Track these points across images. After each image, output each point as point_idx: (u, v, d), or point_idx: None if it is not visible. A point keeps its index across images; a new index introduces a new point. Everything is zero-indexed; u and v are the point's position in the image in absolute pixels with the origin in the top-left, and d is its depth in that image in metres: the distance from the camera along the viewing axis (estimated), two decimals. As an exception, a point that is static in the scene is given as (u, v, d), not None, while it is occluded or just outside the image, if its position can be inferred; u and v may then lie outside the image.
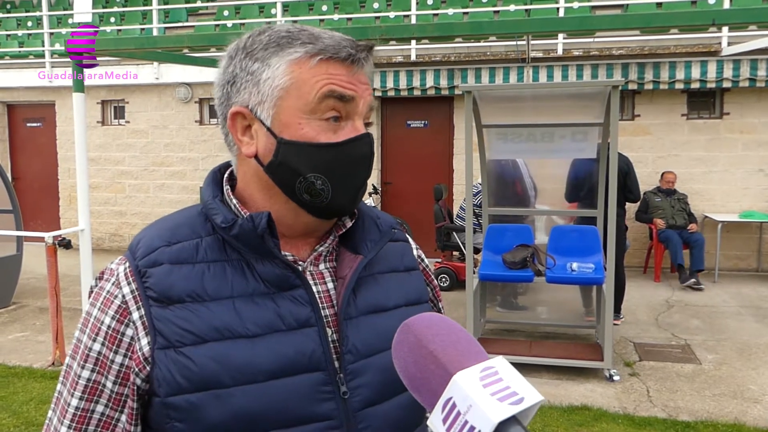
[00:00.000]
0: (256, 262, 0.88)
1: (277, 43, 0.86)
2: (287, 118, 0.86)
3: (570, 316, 5.89)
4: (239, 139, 0.91)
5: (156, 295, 0.85)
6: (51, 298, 4.91)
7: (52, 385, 4.50)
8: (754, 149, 7.95)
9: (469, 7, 8.93)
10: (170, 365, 0.83)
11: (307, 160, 0.86)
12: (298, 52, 0.85)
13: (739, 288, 7.20)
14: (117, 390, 0.86)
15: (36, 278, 7.52)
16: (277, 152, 0.87)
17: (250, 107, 0.88)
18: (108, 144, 10.10)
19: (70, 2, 10.78)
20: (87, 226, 5.11)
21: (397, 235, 1.03)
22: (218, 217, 0.89)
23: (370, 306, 0.93)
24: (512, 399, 0.63)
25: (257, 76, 0.87)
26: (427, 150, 9.00)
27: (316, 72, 0.85)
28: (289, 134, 0.86)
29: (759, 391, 4.32)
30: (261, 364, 0.84)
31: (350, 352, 0.89)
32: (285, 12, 9.46)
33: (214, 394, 0.82)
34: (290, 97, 0.86)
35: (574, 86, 5.92)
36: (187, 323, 0.84)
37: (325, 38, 0.86)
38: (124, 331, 0.85)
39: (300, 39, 0.86)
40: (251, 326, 0.85)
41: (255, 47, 0.87)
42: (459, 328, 0.73)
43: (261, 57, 0.87)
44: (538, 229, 6.11)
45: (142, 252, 0.88)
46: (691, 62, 7.66)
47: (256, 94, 0.87)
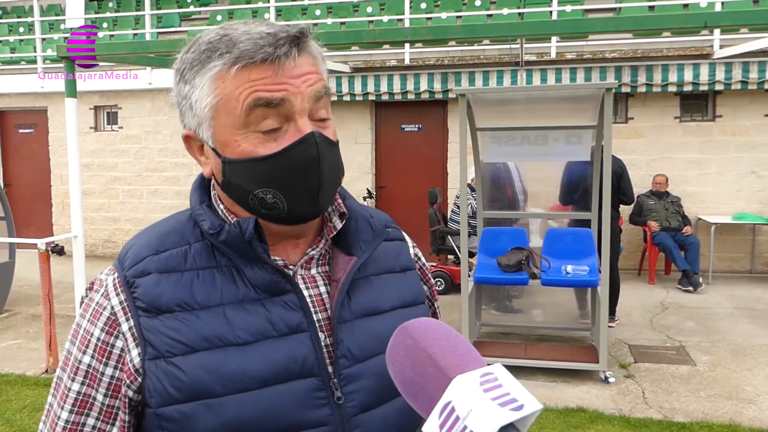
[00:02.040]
0: (245, 268, 0.87)
1: (199, 59, 0.83)
2: (223, 136, 0.84)
3: (565, 318, 5.90)
4: (198, 158, 0.90)
5: (145, 305, 0.84)
6: (44, 305, 4.88)
7: (45, 393, 4.47)
8: (746, 151, 7.99)
9: (463, 11, 8.95)
10: (161, 376, 0.82)
11: (251, 176, 0.83)
12: (217, 66, 0.81)
13: (732, 289, 7.22)
14: (108, 402, 0.85)
15: (29, 285, 7.47)
16: (224, 172, 0.86)
17: (194, 130, 0.87)
18: (101, 150, 10.06)
19: (62, 8, 10.76)
20: (80, 232, 5.08)
21: (392, 234, 1.01)
22: (205, 223, 0.88)
23: (364, 309, 0.92)
24: (513, 405, 0.62)
25: (188, 99, 0.85)
26: (421, 154, 9.01)
27: (238, 83, 0.81)
28: (230, 152, 0.84)
29: (753, 392, 4.33)
30: (252, 372, 0.83)
31: (344, 357, 0.88)
32: (278, 17, 9.46)
33: (206, 404, 0.81)
34: (220, 115, 0.83)
35: (568, 89, 5.94)
36: (176, 333, 0.83)
37: (243, 43, 0.80)
38: (114, 343, 0.84)
39: (218, 49, 0.81)
40: (242, 334, 0.84)
41: (184, 68, 0.85)
42: (456, 334, 0.72)
43: (188, 78, 0.85)
44: (533, 232, 6.12)
45: (130, 262, 0.87)
46: (684, 65, 7.69)
47: (193, 117, 0.86)
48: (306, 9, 9.64)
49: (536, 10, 8.53)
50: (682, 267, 7.20)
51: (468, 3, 9.10)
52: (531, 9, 8.57)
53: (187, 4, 10.59)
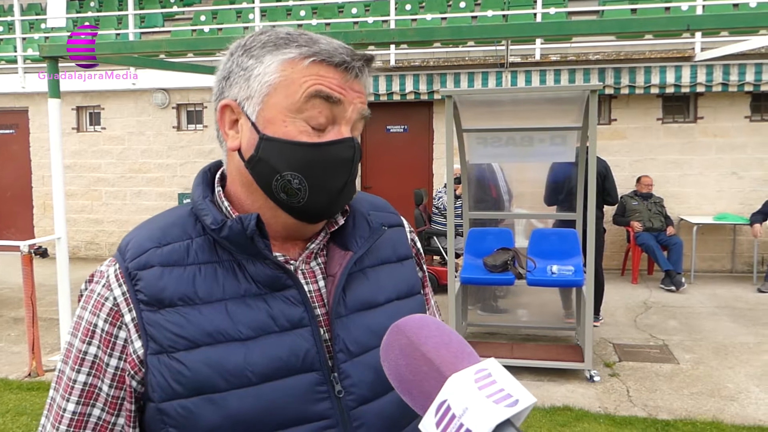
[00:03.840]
0: (247, 263, 0.87)
1: (275, 43, 0.86)
2: (272, 114, 0.86)
3: (550, 318, 5.94)
4: (226, 132, 0.90)
5: (147, 298, 0.84)
6: (27, 308, 4.81)
7: (29, 397, 4.41)
8: (727, 152, 8.10)
9: (448, 13, 8.98)
10: (163, 371, 0.82)
11: (286, 158, 0.85)
12: (293, 53, 0.85)
13: (714, 289, 7.32)
14: (113, 393, 0.85)
15: (10, 288, 7.36)
16: (258, 147, 0.86)
17: (238, 101, 0.88)
18: (83, 151, 9.95)
19: (42, 7, 10.63)
20: (64, 234, 5.02)
21: (390, 218, 1.03)
22: (208, 218, 0.88)
23: (360, 303, 0.93)
24: (507, 401, 0.63)
25: (249, 71, 0.87)
26: (406, 155, 9.03)
27: (307, 73, 0.85)
28: (272, 131, 0.86)
29: (735, 389, 4.39)
30: (255, 367, 0.83)
31: (342, 351, 0.89)
32: (263, 17, 9.42)
33: (208, 399, 0.82)
34: (277, 94, 0.85)
35: (554, 90, 5.98)
36: (179, 328, 0.83)
37: (323, 43, 0.86)
38: (117, 334, 0.85)
39: (297, 41, 0.86)
40: (244, 329, 0.85)
41: (253, 45, 0.88)
42: (449, 330, 0.72)
43: (257, 54, 0.87)
44: (518, 232, 6.16)
45: (132, 253, 0.86)
46: (666, 67, 7.79)
47: (246, 89, 0.87)
48: (291, 10, 9.62)
49: (520, 12, 8.59)
50: (665, 267, 7.28)
51: (453, 5, 9.14)
52: (515, 11, 8.63)
53: (170, 4, 10.50)
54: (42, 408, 3.85)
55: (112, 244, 9.98)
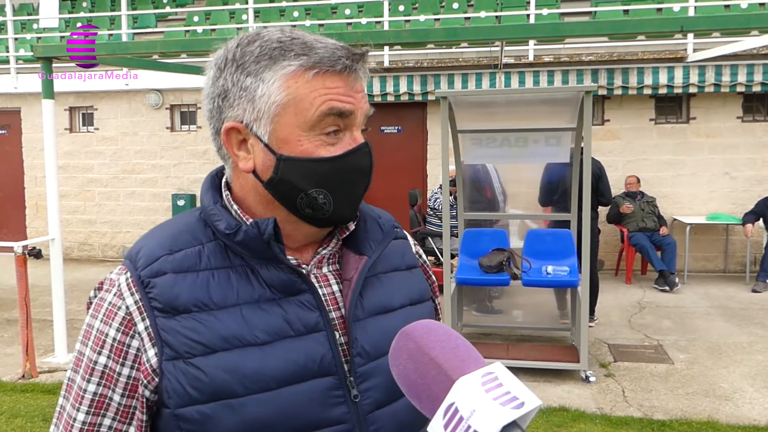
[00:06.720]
0: (260, 268, 0.87)
1: (269, 55, 0.83)
2: (286, 134, 0.84)
3: (545, 318, 5.96)
4: (235, 153, 0.88)
5: (161, 305, 0.83)
6: (21, 309, 4.78)
7: (23, 399, 4.39)
8: (719, 153, 8.16)
9: (441, 14, 9.00)
10: (180, 377, 0.82)
11: (309, 176, 0.85)
12: (293, 66, 0.82)
13: (707, 289, 7.36)
14: (125, 403, 0.85)
15: (2, 289, 7.32)
16: (277, 169, 0.85)
17: (245, 123, 0.85)
18: (76, 151, 9.91)
19: (34, 7, 10.57)
20: (58, 235, 5.00)
21: (398, 233, 1.04)
22: (221, 223, 0.87)
23: (376, 307, 0.93)
24: (514, 404, 0.63)
25: (251, 92, 0.84)
26: (400, 155, 9.03)
27: (314, 87, 0.83)
28: (288, 150, 0.84)
29: (730, 389, 4.42)
30: (272, 372, 0.83)
31: (359, 355, 0.89)
32: (256, 18, 9.41)
33: (226, 404, 0.82)
34: (287, 113, 0.83)
35: (548, 92, 6.00)
36: (195, 334, 0.83)
37: (319, 48, 0.83)
38: (130, 343, 0.84)
39: (293, 50, 0.83)
40: (260, 334, 0.84)
41: (246, 60, 0.84)
42: (456, 335, 0.73)
43: (253, 71, 0.83)
44: (513, 233, 6.17)
45: (144, 261, 0.86)
46: (659, 68, 7.83)
47: (252, 111, 0.84)
48: (284, 11, 9.61)
49: (513, 14, 8.62)
50: (658, 267, 7.32)
51: (446, 6, 9.15)
52: (508, 12, 8.65)
53: (163, 4, 10.47)
54: (36, 410, 3.82)
55: (105, 245, 9.94)
